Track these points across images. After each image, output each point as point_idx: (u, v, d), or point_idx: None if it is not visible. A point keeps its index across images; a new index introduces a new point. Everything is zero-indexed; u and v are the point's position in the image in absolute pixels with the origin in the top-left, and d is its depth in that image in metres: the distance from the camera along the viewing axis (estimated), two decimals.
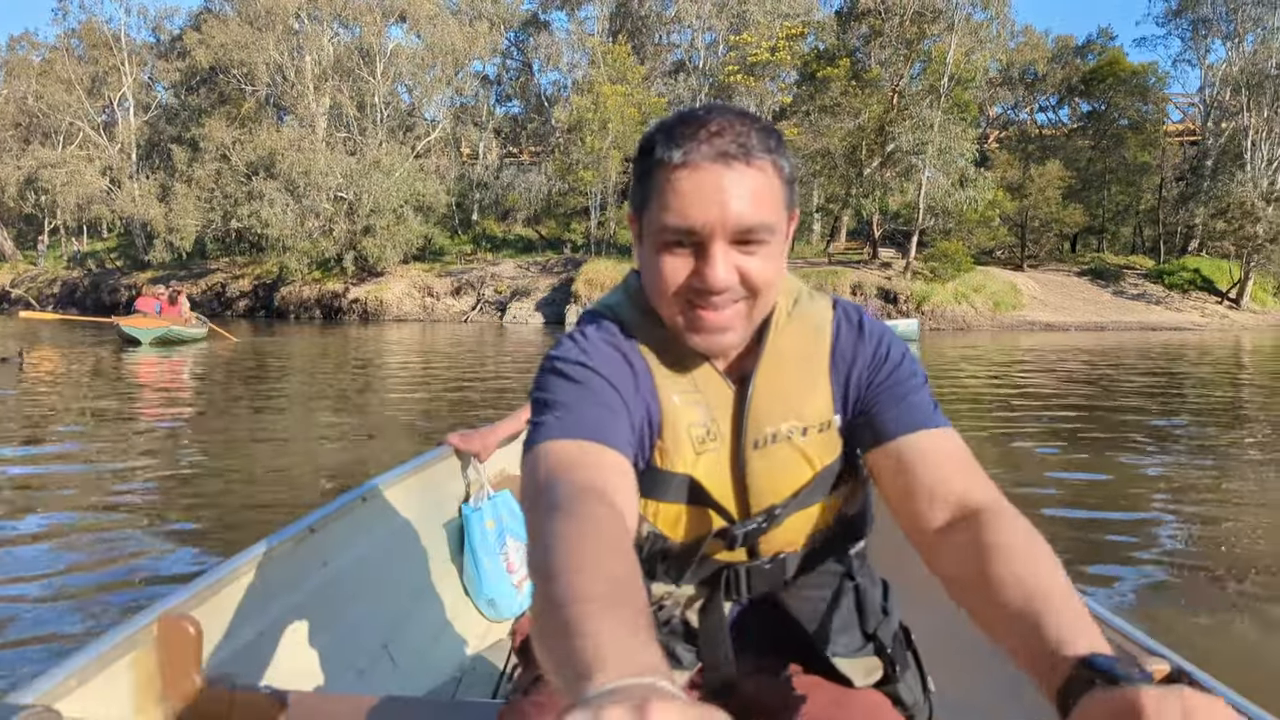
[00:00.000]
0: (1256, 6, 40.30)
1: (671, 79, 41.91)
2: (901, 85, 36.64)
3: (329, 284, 38.82)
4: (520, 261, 39.94)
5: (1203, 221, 42.69)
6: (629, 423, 0.99)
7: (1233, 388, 12.54)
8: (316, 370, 14.49)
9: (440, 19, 40.98)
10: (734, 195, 0.95)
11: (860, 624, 1.16)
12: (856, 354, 1.10)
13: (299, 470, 6.15)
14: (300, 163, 37.08)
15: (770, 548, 1.11)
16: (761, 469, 1.06)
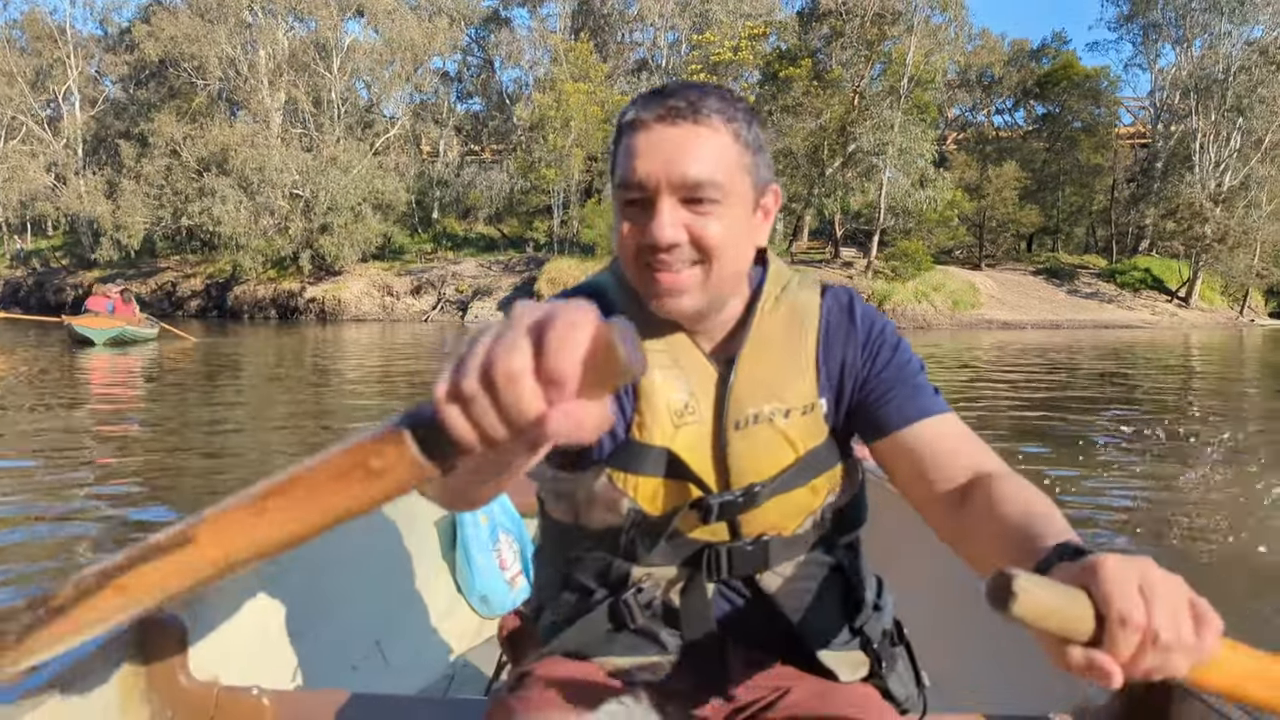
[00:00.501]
0: (1205, 13, 41.30)
1: (634, 77, 41.75)
2: (862, 86, 36.93)
3: (285, 283, 38.03)
4: (482, 260, 39.51)
5: (1153, 222, 43.69)
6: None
7: (1182, 385, 12.75)
8: (274, 372, 14.10)
9: (399, 14, 40.35)
10: (678, 150, 0.96)
11: (848, 618, 1.14)
12: (848, 340, 1.10)
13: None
14: (254, 159, 36.26)
15: (752, 529, 1.08)
16: (742, 449, 1.05)
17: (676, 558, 1.08)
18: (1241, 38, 40.85)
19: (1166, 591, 0.64)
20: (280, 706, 1.26)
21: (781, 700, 1.07)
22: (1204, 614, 0.65)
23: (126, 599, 0.66)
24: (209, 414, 8.94)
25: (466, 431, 0.53)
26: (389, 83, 42.21)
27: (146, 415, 8.72)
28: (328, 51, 40.13)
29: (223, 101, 42.80)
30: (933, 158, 37.04)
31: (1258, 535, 4.56)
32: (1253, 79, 38.80)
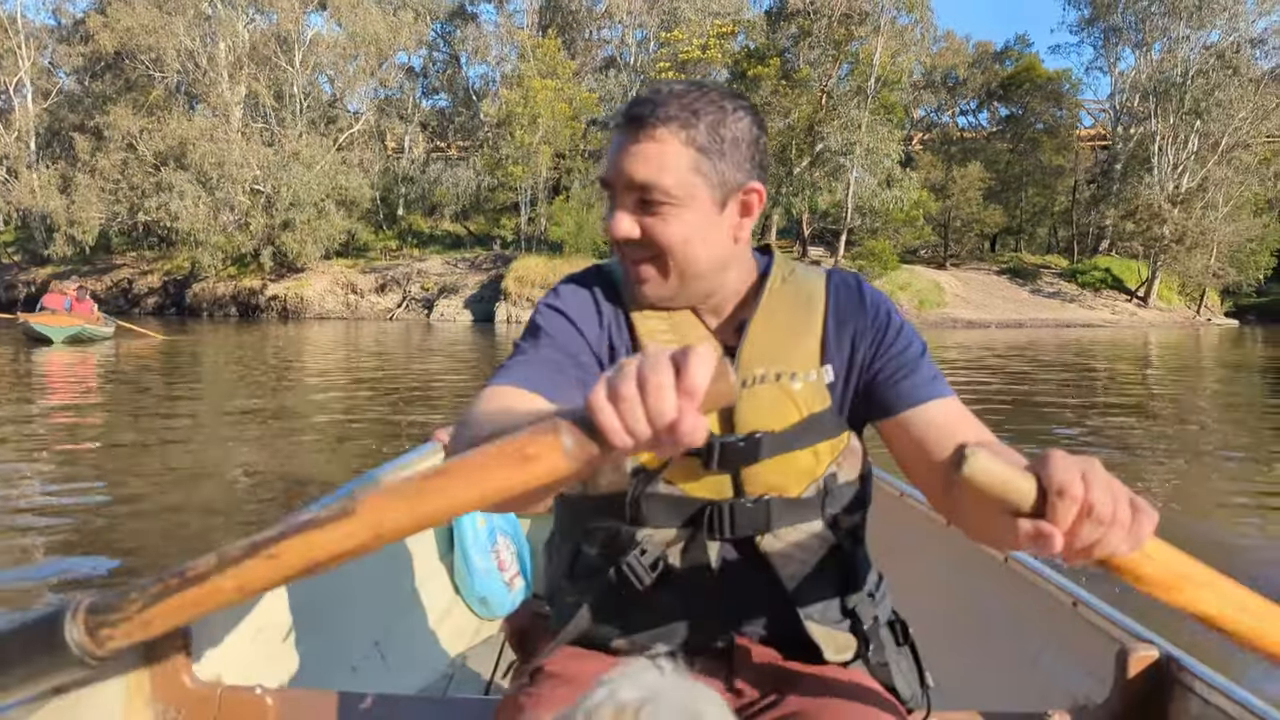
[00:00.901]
0: (1164, 17, 42.02)
1: (602, 74, 41.56)
2: (830, 86, 37.07)
3: (245, 280, 37.33)
4: (448, 258, 39.08)
5: (1113, 223, 44.39)
6: (586, 361, 1.10)
7: (1140, 383, 12.88)
8: (235, 370, 13.75)
9: (362, 7, 39.73)
10: (629, 154, 1.05)
11: (843, 599, 1.16)
12: (859, 319, 1.15)
13: (223, 477, 5.66)
14: (213, 153, 35.50)
15: (755, 486, 1.10)
16: (748, 404, 1.09)
17: (680, 517, 1.10)
18: (1199, 42, 41.64)
19: (1105, 478, 0.73)
20: (283, 706, 1.27)
21: (789, 695, 1.07)
22: (1141, 505, 0.73)
23: (276, 566, 0.73)
24: (168, 412, 8.68)
25: (617, 428, 0.65)
26: (353, 77, 41.59)
27: (106, 413, 8.41)
28: (289, 45, 39.43)
29: (181, 95, 41.89)
30: (899, 158, 37.29)
31: (1213, 525, 4.58)
32: (1210, 83, 39.52)
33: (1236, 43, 40.56)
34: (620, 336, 1.15)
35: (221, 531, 4.36)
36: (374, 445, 6.76)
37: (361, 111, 42.73)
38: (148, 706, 1.20)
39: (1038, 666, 1.47)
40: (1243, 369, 15.99)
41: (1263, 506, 5.03)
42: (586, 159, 40.40)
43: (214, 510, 4.87)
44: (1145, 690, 1.19)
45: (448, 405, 9.42)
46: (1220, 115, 39.30)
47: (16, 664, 0.83)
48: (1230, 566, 3.17)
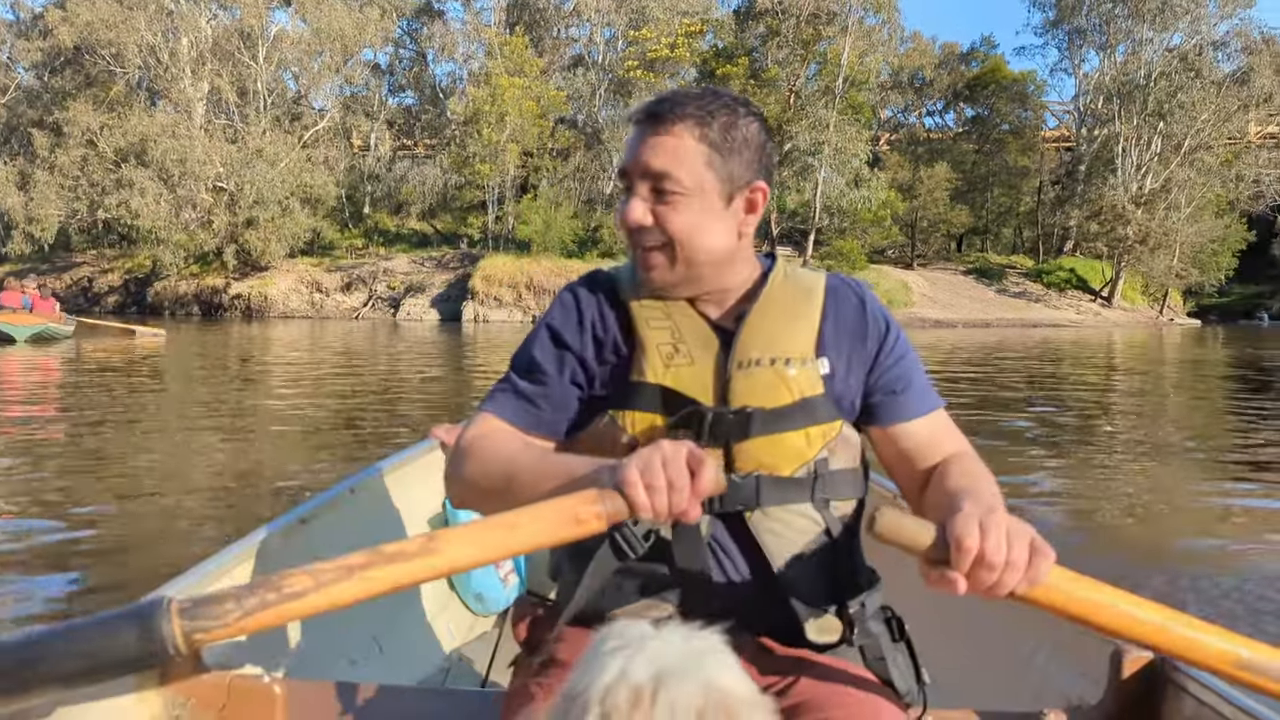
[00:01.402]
0: (1128, 19, 42.54)
1: (570, 73, 41.39)
2: (798, 85, 37.16)
3: (208, 279, 36.76)
4: (415, 256, 38.74)
5: (1077, 223, 44.91)
6: (579, 375, 1.21)
7: (1105, 383, 12.97)
8: (197, 369, 13.47)
9: (327, 3, 39.27)
10: (651, 146, 1.13)
11: (829, 581, 1.17)
12: (858, 324, 1.22)
13: (192, 481, 5.47)
14: (175, 150, 34.91)
15: (746, 463, 1.14)
16: (742, 383, 1.14)
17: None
18: (1162, 44, 42.23)
19: (1001, 526, 0.88)
20: (291, 694, 1.29)
21: (791, 689, 1.10)
22: (1039, 546, 0.89)
23: (366, 587, 0.89)
24: (133, 416, 8.43)
25: (647, 507, 0.94)
26: (318, 74, 41.11)
27: (70, 415, 8.16)
28: (253, 40, 38.88)
29: (142, 90, 41.19)
30: (867, 157, 37.46)
31: (1172, 521, 4.59)
32: (1173, 84, 40.07)
33: (1199, 45, 41.19)
34: (612, 329, 1.22)
35: (190, 539, 4.18)
36: (344, 449, 6.59)
37: (327, 109, 42.26)
38: (158, 694, 1.22)
39: (1033, 666, 1.49)
40: (1204, 367, 16.16)
41: (1223, 506, 5.01)
42: (554, 158, 40.20)
43: (183, 515, 4.69)
44: (1139, 691, 1.21)
45: (418, 407, 9.26)
46: (1183, 117, 39.85)
47: (104, 652, 0.93)
48: (1190, 563, 3.49)
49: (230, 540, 1.60)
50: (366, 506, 2.14)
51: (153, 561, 3.78)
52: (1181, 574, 3.70)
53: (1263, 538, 4.29)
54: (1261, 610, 3.28)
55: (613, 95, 39.81)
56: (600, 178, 40.44)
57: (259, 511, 4.78)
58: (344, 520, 1.98)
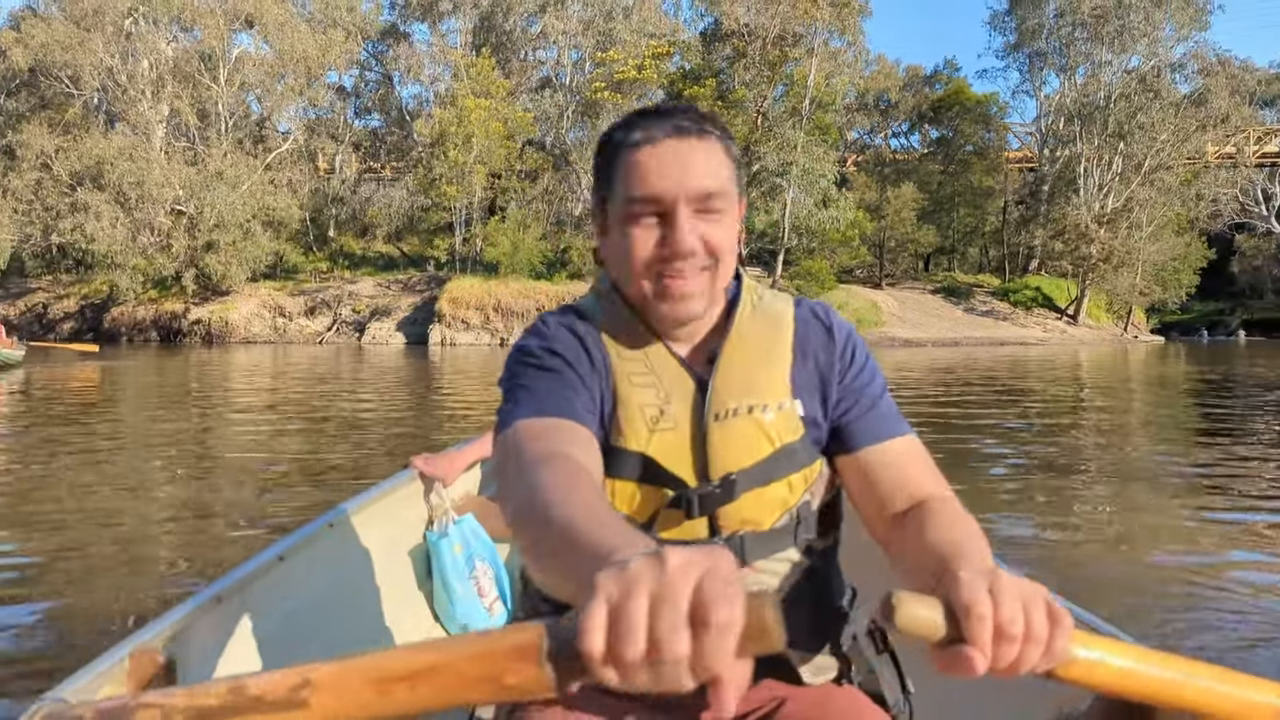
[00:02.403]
0: (1087, 42, 43.33)
1: (538, 95, 41.26)
2: (765, 107, 37.31)
3: (167, 304, 35.94)
4: (380, 279, 38.21)
5: (1042, 242, 45.45)
6: (590, 401, 1.08)
7: (1073, 401, 12.93)
8: (154, 396, 12.92)
9: (291, 25, 38.83)
10: (692, 164, 1.05)
11: (820, 621, 1.16)
12: (825, 348, 1.17)
13: (147, 517, 5.04)
14: (132, 172, 34.15)
15: (730, 524, 1.11)
16: (721, 439, 1.10)
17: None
18: (1121, 66, 43.00)
19: (1014, 589, 0.74)
20: None
21: (779, 711, 1.09)
22: (1056, 610, 0.74)
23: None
24: (83, 440, 7.96)
25: (613, 680, 0.57)
26: (281, 96, 40.57)
27: (16, 446, 7.65)
28: (214, 62, 38.31)
29: (100, 113, 40.40)
30: (835, 178, 37.63)
31: (1142, 541, 4.43)
32: (1132, 105, 40.78)
33: (1157, 67, 41.99)
34: (599, 378, 1.11)
35: (141, 586, 3.78)
36: (307, 481, 6.18)
37: (290, 131, 41.72)
38: None
39: (1020, 679, 1.34)
40: (1169, 385, 16.21)
41: (1193, 525, 4.88)
42: (523, 179, 39.95)
43: (134, 558, 4.28)
44: (1127, 700, 1.06)
45: (382, 434, 8.84)
46: (1142, 137, 40.54)
47: None
48: (1164, 585, 3.31)
49: (200, 580, 1.49)
50: (346, 541, 2.08)
51: (102, 599, 3.50)
52: (1155, 596, 3.61)
53: (1228, 556, 4.20)
54: (1243, 636, 3.11)
55: (580, 117, 39.71)
56: (569, 199, 40.25)
57: (216, 546, 4.43)
58: (323, 556, 1.93)
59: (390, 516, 2.33)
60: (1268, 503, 5.40)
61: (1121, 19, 41.24)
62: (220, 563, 4.00)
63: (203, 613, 1.42)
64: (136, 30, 37.84)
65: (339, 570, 2.03)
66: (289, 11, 40.00)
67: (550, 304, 34.23)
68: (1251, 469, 6.58)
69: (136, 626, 1.33)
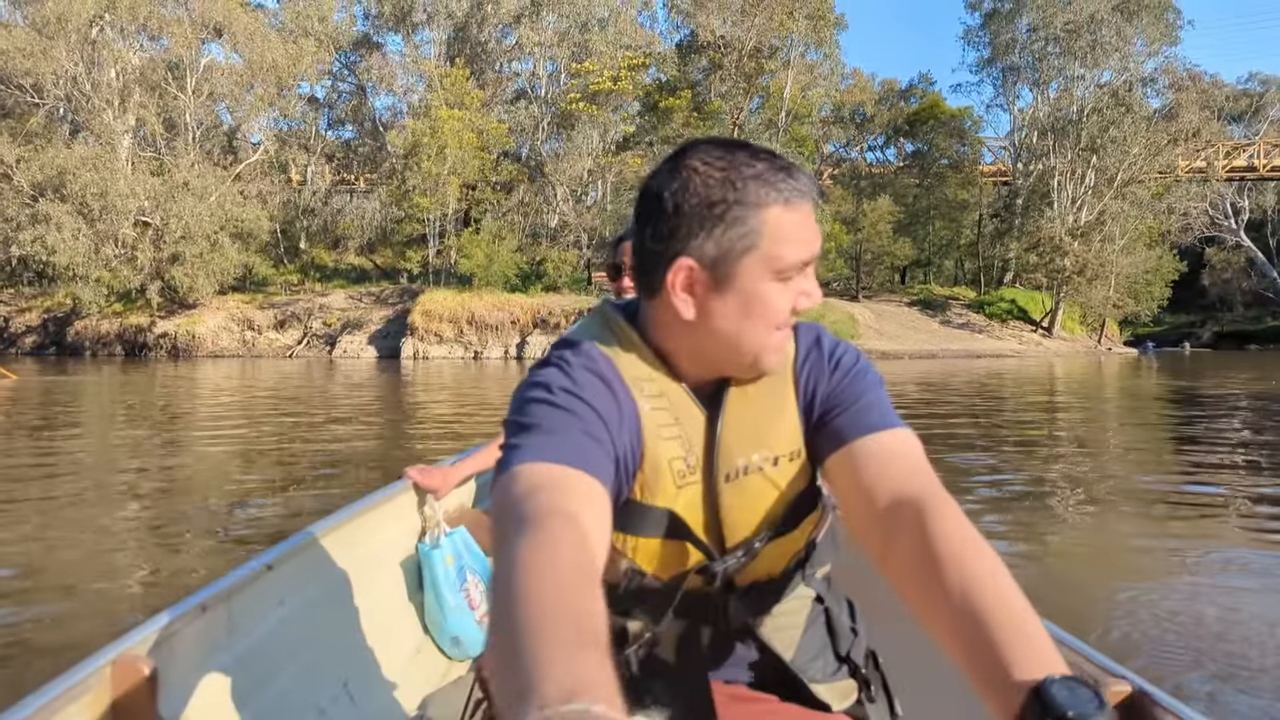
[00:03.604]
0: (1059, 57, 43.71)
1: (513, 106, 40.94)
2: (741, 119, 37.23)
3: (132, 317, 35.13)
4: (352, 292, 37.62)
5: (1016, 255, 45.69)
6: (611, 454, 0.99)
7: (1048, 413, 12.85)
8: (116, 412, 12.37)
9: (260, 34, 38.25)
10: (817, 229, 1.05)
11: (834, 646, 1.17)
12: (818, 367, 1.13)
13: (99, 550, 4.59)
14: (95, 183, 33.36)
15: (746, 579, 1.11)
16: (734, 503, 1.07)
17: (670, 609, 1.09)
18: (1093, 81, 43.41)
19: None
20: None
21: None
22: None
23: None
24: (35, 458, 7.46)
25: None
26: (252, 107, 39.94)
27: None
28: (181, 72, 37.65)
29: (64, 122, 39.55)
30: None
31: (1118, 563, 4.21)
32: (1104, 119, 41.14)
33: (1128, 82, 42.40)
34: (628, 431, 1.03)
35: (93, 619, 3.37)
36: (277, 500, 5.75)
37: (260, 141, 41.08)
38: None
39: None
40: (1140, 398, 16.17)
41: (1166, 545, 4.67)
42: (497, 190, 39.57)
43: (89, 593, 3.85)
44: (1124, 713, 1.18)
45: (353, 449, 8.41)
46: (1115, 151, 40.88)
47: None
48: (1136, 606, 3.14)
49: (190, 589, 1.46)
50: (337, 550, 2.03)
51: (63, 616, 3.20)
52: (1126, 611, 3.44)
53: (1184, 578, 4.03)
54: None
55: (556, 128, 39.43)
56: (544, 211, 39.90)
57: (176, 568, 4.00)
58: (312, 564, 1.89)
59: (383, 526, 2.30)
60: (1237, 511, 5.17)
61: (1093, 34, 41.64)
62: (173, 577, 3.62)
63: (187, 621, 1.38)
64: (102, 38, 37.08)
65: (329, 580, 1.99)
66: (259, 21, 39.43)
67: (525, 317, 33.87)
68: (1222, 479, 6.52)
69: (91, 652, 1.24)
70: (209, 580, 1.53)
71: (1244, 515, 5.44)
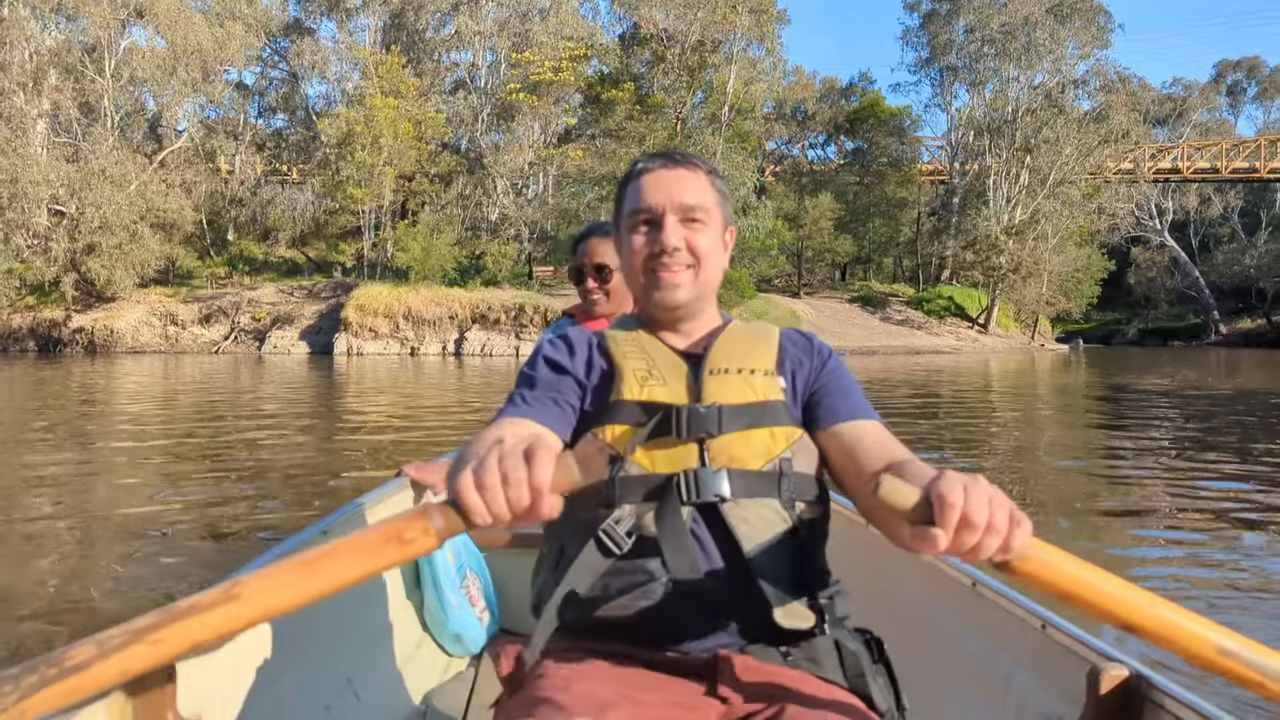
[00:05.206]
0: (995, 59, 44.41)
1: (451, 96, 40.01)
2: (685, 112, 36.92)
3: (46, 311, 33.39)
4: (283, 286, 36.31)
5: (954, 253, 46.34)
6: (573, 408, 1.30)
7: (985, 409, 12.90)
8: (26, 412, 11.45)
9: (185, 17, 36.63)
10: (677, 184, 1.35)
11: (797, 574, 1.23)
12: (806, 361, 1.37)
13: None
14: (5, 169, 31.56)
15: (719, 458, 1.23)
16: (714, 386, 1.28)
17: (651, 489, 1.23)
18: (1028, 82, 44.20)
19: (985, 492, 0.87)
20: None
21: (773, 706, 1.13)
22: (1018, 516, 0.88)
23: (158, 650, 0.79)
24: None
25: (482, 511, 0.86)
26: (176, 92, 38.27)
27: None
28: (100, 54, 35.88)
29: None
30: (755, 184, 37.49)
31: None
32: (1038, 120, 41.94)
33: (1061, 84, 43.25)
34: (596, 361, 1.35)
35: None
36: (209, 520, 5.15)
37: (183, 129, 39.43)
38: None
39: (1010, 687, 1.49)
40: (1070, 393, 16.36)
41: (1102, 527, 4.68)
42: (435, 182, 38.61)
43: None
44: (1116, 709, 1.21)
45: (284, 459, 7.78)
46: (1048, 152, 41.69)
47: None
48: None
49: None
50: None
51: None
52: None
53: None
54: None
55: (496, 120, 38.63)
56: (484, 204, 39.07)
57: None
58: None
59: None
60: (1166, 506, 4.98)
61: (1028, 35, 42.37)
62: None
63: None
64: (12, 16, 35.12)
65: None
66: (183, 3, 37.80)
67: (465, 312, 33.05)
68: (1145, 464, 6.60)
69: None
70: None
71: (1170, 496, 5.67)
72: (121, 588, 3.78)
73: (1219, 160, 52.90)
